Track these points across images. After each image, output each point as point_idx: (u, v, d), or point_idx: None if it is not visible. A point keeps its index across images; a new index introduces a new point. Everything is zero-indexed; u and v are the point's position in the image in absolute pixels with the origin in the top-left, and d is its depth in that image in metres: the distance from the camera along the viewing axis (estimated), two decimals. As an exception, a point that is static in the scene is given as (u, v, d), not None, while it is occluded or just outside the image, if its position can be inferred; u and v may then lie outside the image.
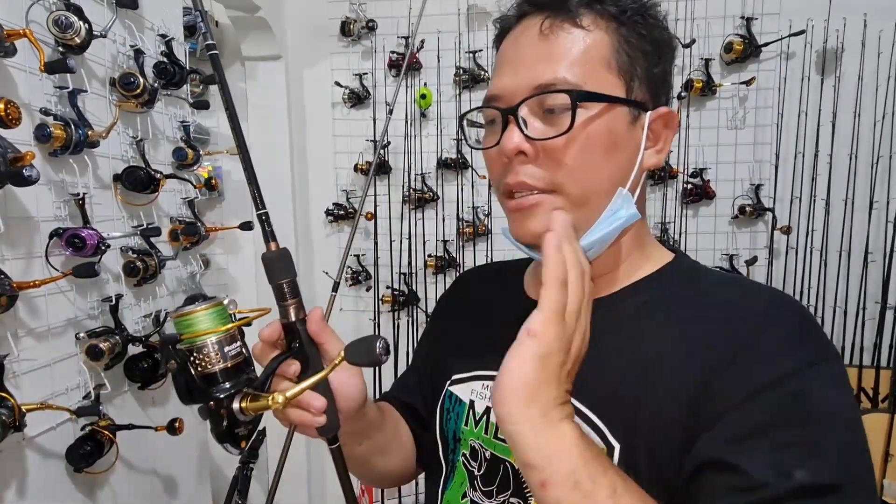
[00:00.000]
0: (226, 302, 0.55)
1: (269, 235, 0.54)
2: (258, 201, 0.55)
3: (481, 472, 0.63)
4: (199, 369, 0.51)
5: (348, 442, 0.64)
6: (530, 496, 0.59)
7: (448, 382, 0.68)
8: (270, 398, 0.51)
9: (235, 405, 0.51)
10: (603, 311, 0.56)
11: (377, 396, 0.81)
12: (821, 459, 0.45)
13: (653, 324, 0.56)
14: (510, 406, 0.46)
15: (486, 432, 0.63)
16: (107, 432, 1.17)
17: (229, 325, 0.53)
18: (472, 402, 0.65)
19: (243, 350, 0.55)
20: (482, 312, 0.71)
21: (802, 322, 0.52)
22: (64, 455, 1.13)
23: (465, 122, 0.63)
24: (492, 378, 0.60)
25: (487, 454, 0.63)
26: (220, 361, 0.51)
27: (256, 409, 0.51)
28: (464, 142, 0.65)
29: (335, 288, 1.58)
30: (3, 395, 0.95)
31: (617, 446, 0.53)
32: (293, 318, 0.54)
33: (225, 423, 0.50)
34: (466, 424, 0.65)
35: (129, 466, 1.33)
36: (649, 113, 0.57)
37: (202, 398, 0.50)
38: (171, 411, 1.46)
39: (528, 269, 0.70)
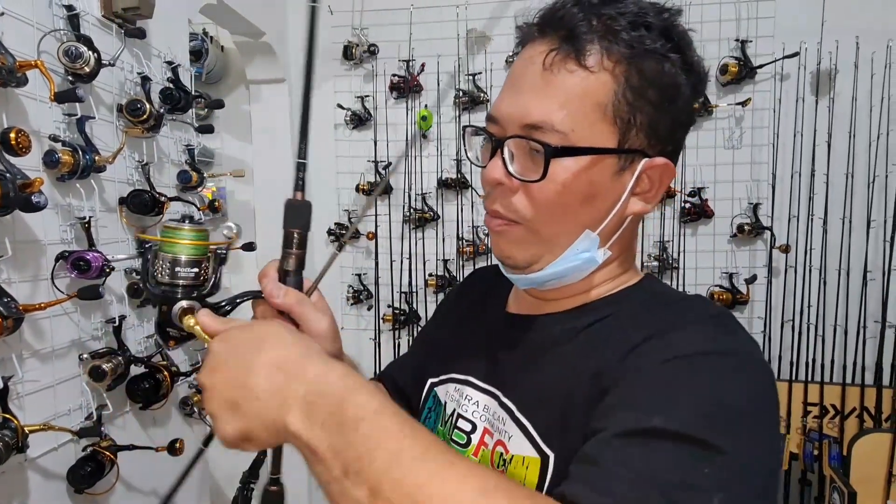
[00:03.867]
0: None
1: (298, 185, 0.55)
2: (303, 151, 0.56)
3: None
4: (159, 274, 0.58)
5: None
6: None
7: (431, 381, 0.71)
8: (189, 316, 0.56)
9: (175, 308, 0.57)
10: (556, 326, 0.60)
11: (376, 375, 0.84)
12: (690, 413, 0.43)
13: (596, 338, 0.56)
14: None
15: (450, 434, 0.65)
16: (108, 453, 1.18)
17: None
18: (445, 404, 0.67)
19: (205, 277, 0.59)
20: (469, 317, 0.73)
21: (716, 323, 0.52)
22: (65, 476, 1.13)
23: (467, 133, 0.63)
24: (462, 382, 0.61)
25: None
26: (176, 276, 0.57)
27: (186, 326, 0.56)
28: (464, 153, 0.66)
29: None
30: (7, 416, 0.96)
31: (551, 456, 0.54)
32: (289, 268, 0.56)
33: (160, 318, 0.58)
34: (443, 425, 0.67)
35: (130, 487, 1.33)
36: (645, 161, 0.54)
37: (157, 287, 0.57)
38: (171, 432, 1.47)
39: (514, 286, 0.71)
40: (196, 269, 0.58)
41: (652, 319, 0.54)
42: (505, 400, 0.60)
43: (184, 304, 0.57)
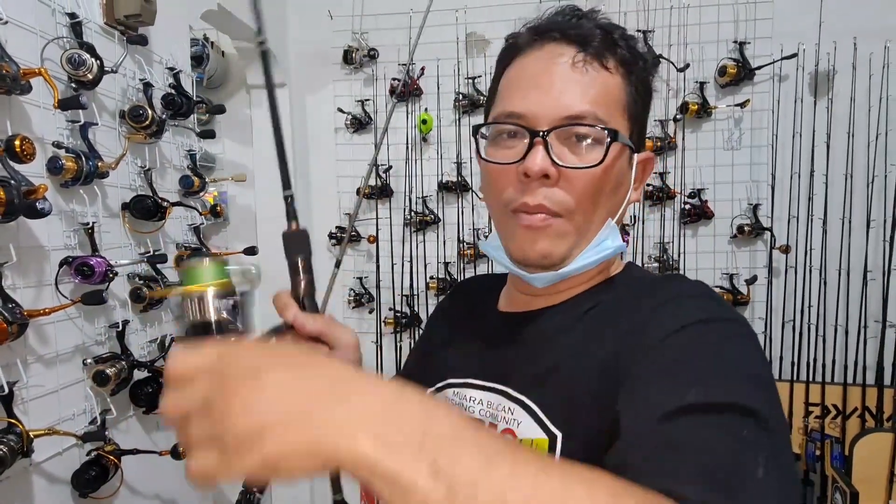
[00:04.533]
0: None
1: (291, 214, 0.58)
2: (286, 181, 0.59)
3: None
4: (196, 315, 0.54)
5: None
6: None
7: (429, 392, 0.71)
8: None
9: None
10: (555, 317, 0.62)
11: None
12: (717, 383, 0.45)
13: (594, 323, 0.60)
14: None
15: None
16: (112, 457, 1.19)
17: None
18: None
19: (234, 318, 0.56)
20: (462, 324, 0.75)
21: (710, 296, 0.56)
22: (70, 480, 1.14)
23: (478, 134, 0.64)
24: (461, 385, 0.62)
25: None
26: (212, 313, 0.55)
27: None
28: (476, 153, 0.67)
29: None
30: (12, 421, 0.97)
31: (559, 435, 0.55)
32: (303, 294, 0.58)
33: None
34: None
35: (133, 491, 1.34)
36: (637, 155, 0.62)
37: (193, 328, 0.54)
38: (174, 436, 1.48)
39: (505, 286, 0.73)
40: (231, 301, 0.56)
41: (646, 297, 0.57)
42: (512, 391, 0.61)
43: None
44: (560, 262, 0.60)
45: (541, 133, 0.56)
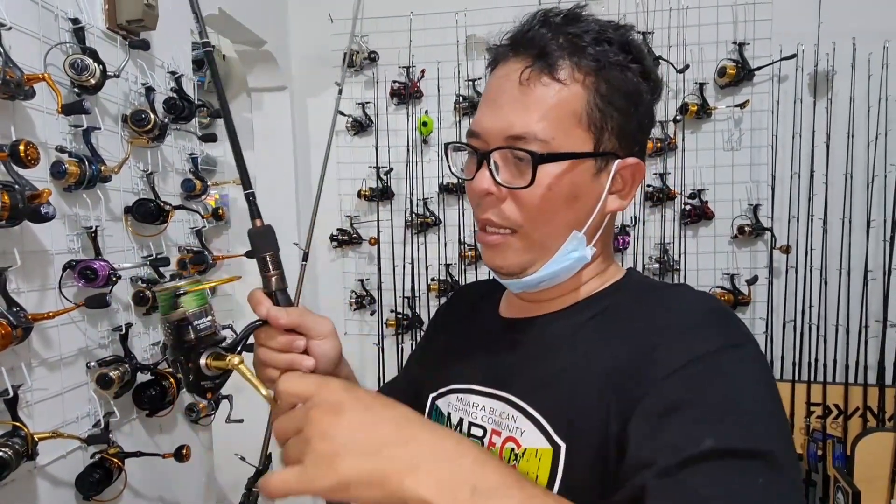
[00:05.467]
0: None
1: (254, 213, 0.60)
2: (246, 181, 0.61)
3: None
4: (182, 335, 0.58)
5: None
6: None
7: (432, 396, 0.72)
8: (228, 357, 0.57)
9: (202, 361, 0.57)
10: (556, 323, 0.62)
11: (379, 384, 0.85)
12: (732, 426, 0.46)
13: (597, 332, 0.60)
14: None
15: None
16: (115, 460, 1.19)
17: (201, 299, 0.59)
18: (449, 415, 0.68)
19: (213, 324, 0.61)
20: (464, 329, 0.75)
21: (719, 315, 0.56)
22: (73, 483, 1.14)
23: (449, 150, 0.67)
24: (464, 391, 0.63)
25: None
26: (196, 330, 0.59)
27: (218, 366, 0.58)
28: (449, 169, 0.69)
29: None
30: (17, 424, 0.97)
31: (563, 446, 0.55)
32: (274, 289, 0.59)
33: (191, 375, 0.58)
34: None
35: (137, 494, 1.34)
36: (618, 162, 0.59)
37: (177, 352, 0.58)
38: (178, 438, 1.48)
39: (505, 291, 0.74)
40: (209, 318, 0.59)
41: (652, 313, 0.57)
42: (513, 398, 0.61)
43: (208, 353, 0.58)
44: (519, 272, 0.61)
45: (486, 154, 0.58)
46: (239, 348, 0.59)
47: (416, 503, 0.39)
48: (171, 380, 1.35)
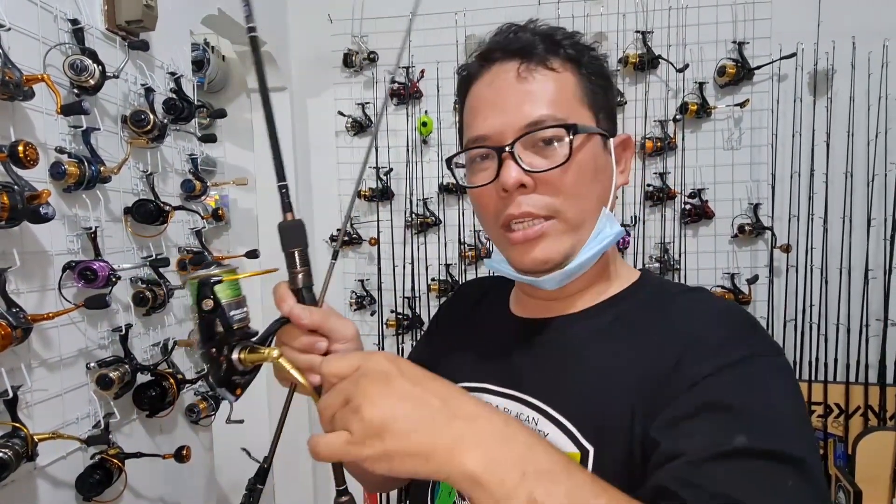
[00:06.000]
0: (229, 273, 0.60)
1: (286, 206, 0.57)
2: (280, 173, 0.57)
3: None
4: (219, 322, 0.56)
5: None
6: None
7: None
8: (267, 350, 0.56)
9: (235, 355, 0.56)
10: (576, 325, 0.62)
11: None
12: (765, 429, 0.46)
13: (620, 336, 0.60)
14: None
15: None
16: (115, 461, 1.19)
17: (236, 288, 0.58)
18: None
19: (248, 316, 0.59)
20: (472, 327, 0.75)
21: (747, 323, 0.57)
22: (74, 484, 1.14)
23: (452, 166, 0.67)
24: (475, 389, 0.63)
25: None
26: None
27: (253, 360, 0.56)
28: (455, 180, 0.69)
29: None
30: (17, 425, 0.97)
31: (591, 450, 0.55)
32: (300, 286, 0.57)
33: (223, 369, 0.56)
34: None
35: (137, 495, 1.34)
36: (612, 139, 0.64)
37: (209, 344, 0.56)
38: (178, 439, 1.48)
39: (513, 289, 0.74)
40: (244, 310, 0.58)
41: (679, 319, 0.58)
42: (533, 400, 0.61)
43: (241, 346, 0.56)
44: (562, 261, 0.61)
45: (506, 147, 0.58)
46: (270, 342, 0.57)
47: (463, 479, 0.38)
48: (172, 381, 1.35)
